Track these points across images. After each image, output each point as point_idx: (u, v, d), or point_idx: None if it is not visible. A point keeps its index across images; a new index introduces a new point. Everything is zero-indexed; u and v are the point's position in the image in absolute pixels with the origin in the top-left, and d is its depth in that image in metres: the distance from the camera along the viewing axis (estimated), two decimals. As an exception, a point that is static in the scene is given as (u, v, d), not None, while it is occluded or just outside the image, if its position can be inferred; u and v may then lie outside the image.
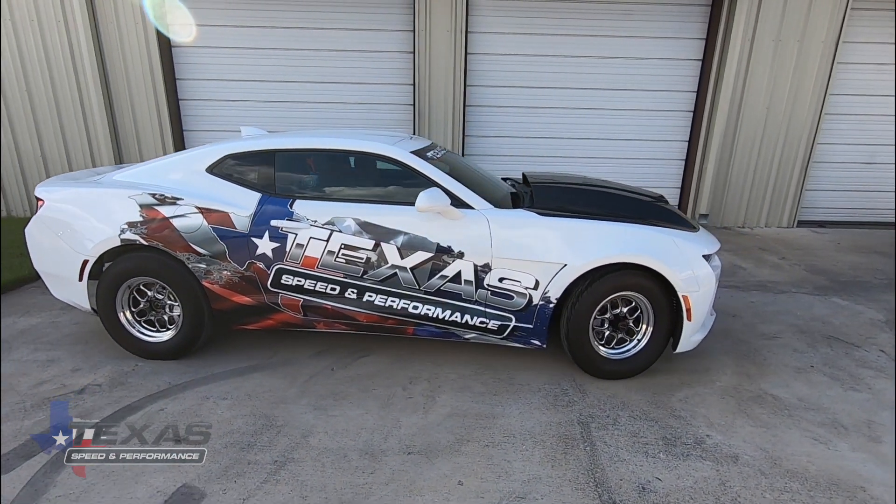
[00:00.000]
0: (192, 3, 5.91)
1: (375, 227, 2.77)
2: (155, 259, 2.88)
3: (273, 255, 2.82)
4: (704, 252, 2.80)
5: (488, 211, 2.79)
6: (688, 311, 2.74)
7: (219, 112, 6.39)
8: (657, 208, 3.05)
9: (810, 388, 2.86)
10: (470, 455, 2.26)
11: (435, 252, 2.74)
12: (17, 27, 5.74)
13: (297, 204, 2.84)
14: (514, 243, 2.74)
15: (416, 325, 2.92)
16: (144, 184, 2.94)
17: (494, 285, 2.77)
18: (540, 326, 2.83)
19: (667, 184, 6.67)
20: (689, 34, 6.10)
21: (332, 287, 2.85)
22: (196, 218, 2.83)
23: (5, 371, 2.91)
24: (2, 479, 2.06)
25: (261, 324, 3.02)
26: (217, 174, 2.93)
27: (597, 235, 2.74)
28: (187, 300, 2.91)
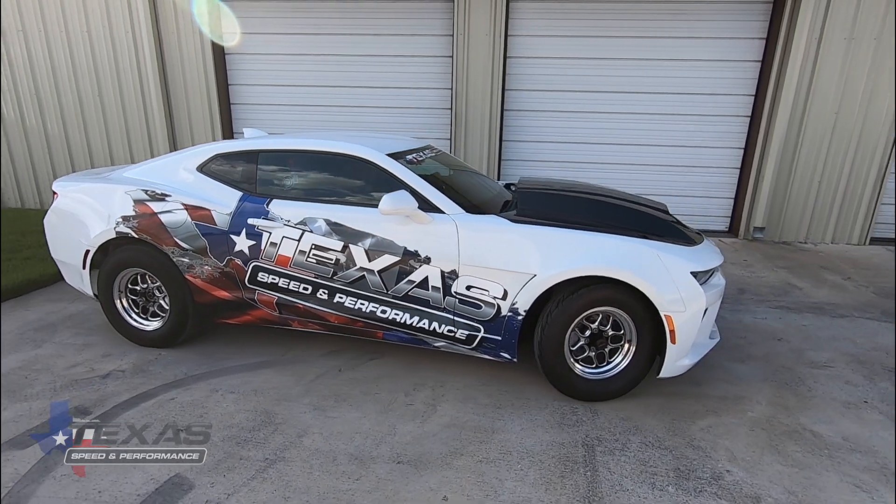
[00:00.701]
0: (243, 13, 6.19)
1: (344, 229, 2.75)
2: (145, 252, 3.04)
3: (249, 253, 2.89)
4: (694, 269, 2.53)
5: (458, 216, 2.68)
6: (671, 333, 2.49)
7: (267, 116, 6.65)
8: (649, 218, 2.83)
9: (860, 427, 2.53)
10: (461, 470, 2.17)
11: (402, 256, 2.68)
12: (92, 37, 6.25)
13: (273, 203, 2.89)
14: (483, 250, 2.61)
15: (385, 330, 2.87)
16: (143, 180, 3.11)
17: (462, 293, 2.65)
18: (508, 339, 2.67)
19: (718, 193, 6.24)
20: (747, 34, 5.68)
21: (304, 286, 2.86)
22: (181, 214, 2.95)
23: (47, 351, 3.13)
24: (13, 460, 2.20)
25: (240, 319, 3.09)
26: (205, 173, 3.04)
27: (569, 245, 2.55)
28: (173, 292, 3.05)
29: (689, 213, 6.33)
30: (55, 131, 6.68)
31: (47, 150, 6.77)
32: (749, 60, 5.76)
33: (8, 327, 3.45)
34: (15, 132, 6.76)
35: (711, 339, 2.83)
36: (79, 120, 6.60)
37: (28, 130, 6.73)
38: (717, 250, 2.90)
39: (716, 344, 2.84)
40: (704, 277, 2.61)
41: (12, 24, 6.31)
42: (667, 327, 2.48)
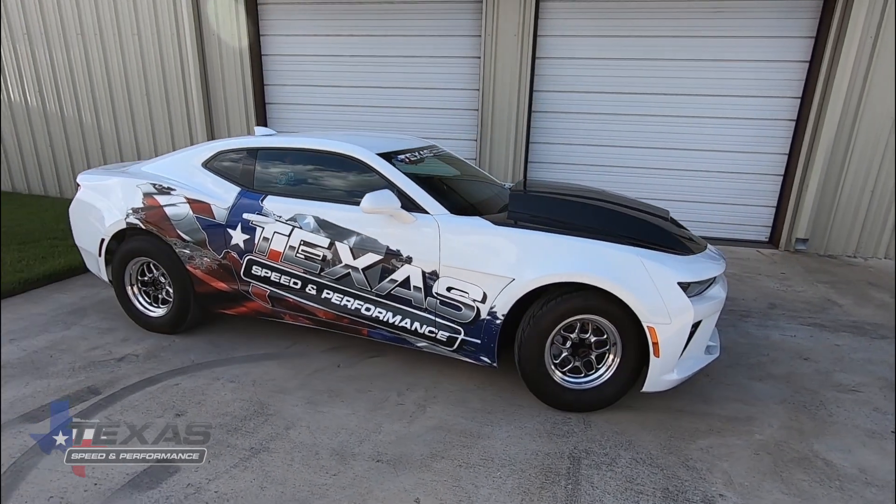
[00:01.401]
0: (279, 15, 6.40)
1: (331, 226, 2.80)
2: (152, 242, 3.21)
3: (244, 247, 2.99)
4: (683, 279, 2.38)
5: (441, 217, 2.65)
6: (654, 346, 2.36)
7: (300, 115, 6.84)
8: (642, 224, 2.68)
9: (881, 459, 2.32)
10: (438, 473, 2.15)
11: (384, 255, 2.69)
12: (142, 39, 6.64)
13: (267, 199, 2.98)
14: (463, 252, 2.58)
15: (369, 328, 2.89)
16: (155, 174, 3.28)
17: (443, 294, 2.63)
18: (488, 343, 2.62)
19: (759, 202, 5.88)
20: (794, 32, 5.33)
21: (294, 281, 2.93)
22: (184, 207, 3.10)
23: (73, 333, 3.34)
24: (25, 431, 2.36)
25: (236, 310, 3.21)
26: (209, 168, 3.18)
27: (548, 250, 2.47)
28: (176, 282, 3.21)
29: (727, 221, 6.02)
30: (107, 127, 7.14)
31: (100, 145, 7.24)
32: (796, 61, 5.41)
33: (43, 309, 3.71)
34: (73, 128, 7.27)
35: (709, 354, 2.66)
36: (128, 116, 7.03)
37: (84, 127, 7.22)
38: (719, 260, 2.75)
39: (713, 360, 2.66)
40: (698, 289, 2.46)
41: (72, 29, 6.79)
42: (650, 339, 2.36)
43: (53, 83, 7.13)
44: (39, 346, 3.15)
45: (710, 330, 2.57)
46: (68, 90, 7.12)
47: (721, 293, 2.60)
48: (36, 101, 7.28)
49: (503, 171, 6.15)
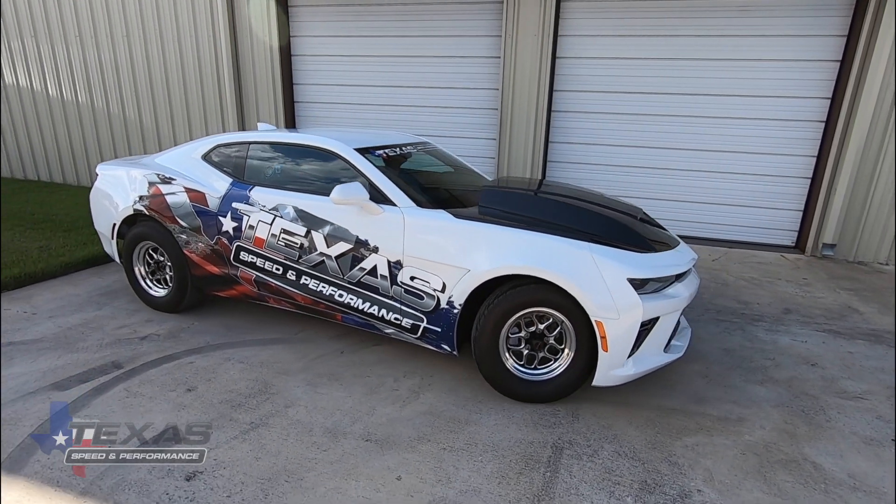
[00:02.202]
0: (307, 17, 6.63)
1: (308, 216, 2.98)
2: (154, 228, 3.49)
3: (233, 233, 3.23)
4: (633, 275, 2.41)
5: (407, 209, 2.78)
6: (602, 340, 2.40)
7: (327, 113, 7.07)
8: (605, 221, 2.72)
9: (874, 466, 2.28)
10: (422, 454, 2.25)
11: (354, 244, 2.85)
12: (181, 41, 7.00)
13: (254, 190, 3.20)
14: (425, 243, 2.69)
15: (342, 313, 3.05)
16: (162, 165, 3.56)
17: (407, 283, 2.76)
18: (447, 331, 2.72)
19: (786, 205, 5.71)
20: (825, 31, 5.16)
21: (276, 267, 3.14)
22: (182, 196, 3.36)
23: (104, 313, 3.61)
24: (55, 398, 2.59)
25: (227, 292, 3.44)
26: (207, 161, 3.43)
27: (503, 243, 2.56)
28: (175, 265, 3.48)
29: (752, 224, 5.87)
30: (148, 122, 7.57)
31: (141, 139, 7.68)
32: (826, 60, 5.23)
33: (80, 291, 4.01)
34: (118, 124, 7.74)
35: (671, 353, 2.65)
36: (167, 113, 7.43)
37: (128, 122, 7.68)
38: (687, 259, 2.73)
39: (673, 359, 2.65)
40: (656, 286, 2.48)
41: (119, 31, 7.23)
42: (598, 333, 2.40)
43: (101, 81, 7.61)
44: (73, 324, 3.43)
45: (671, 328, 2.57)
46: (114, 88, 7.58)
47: (683, 292, 2.59)
48: (85, 97, 7.78)
49: (522, 170, 6.19)
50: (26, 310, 3.62)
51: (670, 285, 2.56)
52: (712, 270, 4.96)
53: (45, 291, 3.97)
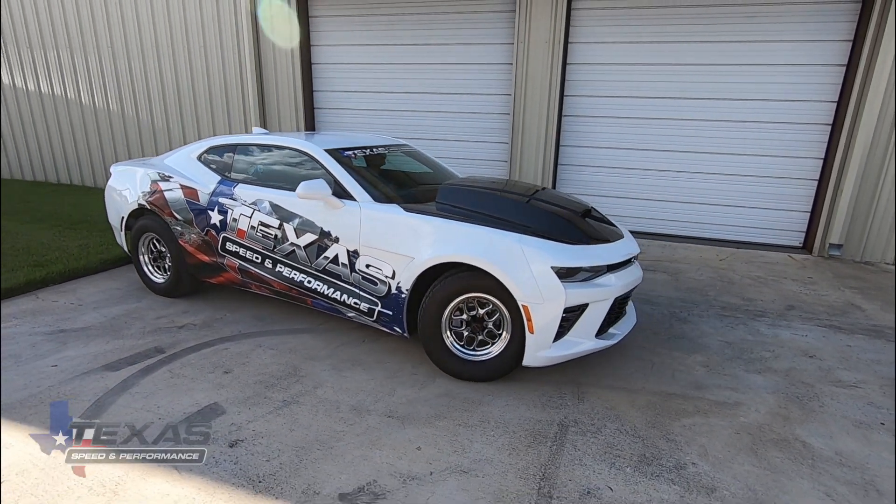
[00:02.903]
0: (327, 27, 6.94)
1: (281, 209, 3.31)
2: (155, 221, 3.89)
3: (220, 226, 3.58)
4: (556, 264, 2.62)
5: (365, 203, 3.08)
6: (529, 323, 2.63)
7: (345, 119, 7.36)
8: (545, 215, 2.94)
9: (861, 446, 2.44)
10: (439, 429, 2.47)
11: (319, 235, 3.16)
12: (207, 51, 7.36)
13: (238, 186, 3.56)
14: (378, 234, 2.98)
15: (312, 298, 3.35)
16: (165, 164, 3.95)
17: (363, 270, 3.05)
18: (397, 314, 2.99)
19: (793, 206, 5.83)
20: (831, 36, 5.29)
21: (255, 256, 3.49)
22: (178, 192, 3.75)
23: (143, 305, 3.90)
24: (104, 378, 2.87)
25: (216, 279, 3.80)
26: (200, 160, 3.82)
27: (443, 234, 2.82)
28: (173, 254, 3.87)
29: (759, 225, 5.99)
30: (175, 130, 7.94)
31: (168, 146, 8.05)
32: (832, 64, 5.36)
33: (120, 285, 4.31)
34: (147, 132, 8.12)
35: (605, 339, 2.84)
36: (194, 121, 7.79)
37: (156, 129, 8.06)
38: (622, 252, 2.93)
39: (606, 345, 2.84)
40: (586, 275, 2.70)
41: (149, 43, 7.62)
42: (524, 316, 2.62)
43: (131, 91, 8.01)
44: (117, 314, 3.72)
45: (601, 315, 2.75)
46: (143, 97, 7.97)
47: (615, 282, 2.78)
48: (116, 106, 8.19)
49: (533, 172, 6.39)
50: (73, 301, 3.93)
51: (601, 275, 2.77)
52: (718, 269, 5.11)
53: (87, 285, 4.28)
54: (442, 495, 2.03)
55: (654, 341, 3.48)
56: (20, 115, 8.86)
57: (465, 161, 6.85)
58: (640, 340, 3.48)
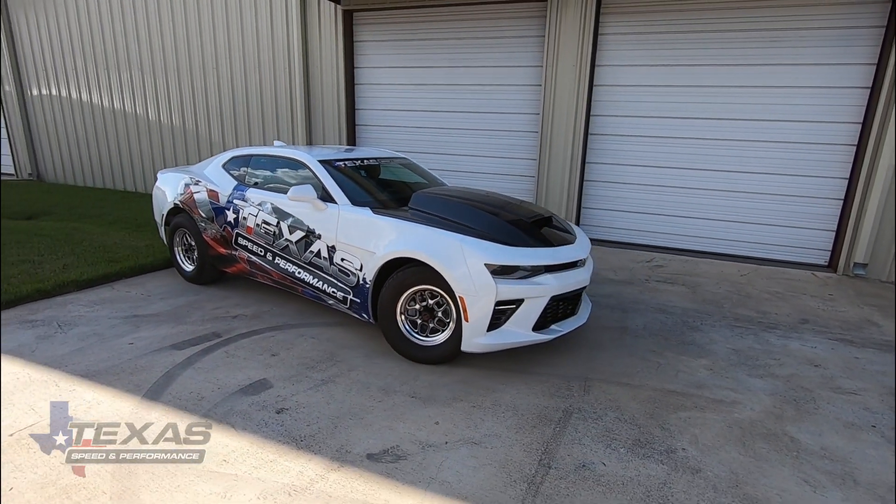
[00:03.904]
0: (370, 51, 7.50)
1: (279, 210, 3.87)
2: (186, 218, 4.57)
3: (234, 223, 4.18)
4: (489, 261, 2.97)
5: (343, 206, 3.57)
6: (464, 312, 2.99)
7: (384, 136, 7.87)
8: (492, 221, 3.31)
9: (848, 443, 2.61)
10: (456, 409, 2.80)
11: (307, 232, 3.68)
12: (261, 71, 8.06)
13: (249, 190, 4.17)
14: (351, 232, 3.45)
15: (302, 287, 3.85)
16: (198, 171, 4.62)
17: (339, 263, 3.53)
18: (364, 302, 3.44)
19: (818, 225, 5.88)
20: (855, 59, 5.40)
21: (259, 249, 4.05)
22: (204, 194, 4.42)
23: (202, 297, 4.41)
24: (172, 356, 3.35)
25: (231, 269, 4.41)
26: (224, 168, 4.48)
27: (397, 233, 3.26)
28: (198, 246, 4.52)
29: (784, 243, 6.07)
30: (230, 141, 8.66)
31: (223, 159, 8.77)
32: (856, 87, 5.46)
33: (180, 280, 4.85)
34: (205, 145, 8.89)
35: (543, 334, 3.14)
36: (247, 134, 8.49)
37: (212, 143, 8.81)
38: (563, 257, 3.22)
39: (541, 339, 3.15)
40: (523, 273, 3.05)
41: (210, 62, 8.40)
42: (460, 306, 2.97)
43: (192, 107, 8.81)
44: (180, 304, 4.24)
45: (537, 310, 3.06)
46: (203, 112, 8.75)
47: (552, 282, 3.10)
48: (178, 121, 9.01)
49: (559, 187, 6.68)
50: (142, 292, 4.48)
51: (539, 275, 3.08)
52: (737, 284, 5.24)
53: (154, 280, 4.85)
54: (454, 460, 2.36)
55: (663, 346, 3.71)
56: (95, 128, 9.84)
57: (493, 176, 7.22)
58: (650, 344, 3.71)
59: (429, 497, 2.12)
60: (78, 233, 6.13)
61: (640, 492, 2.20)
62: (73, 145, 10.21)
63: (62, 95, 9.99)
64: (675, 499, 2.17)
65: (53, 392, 2.81)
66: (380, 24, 7.41)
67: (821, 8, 5.44)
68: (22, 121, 10.45)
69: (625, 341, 3.76)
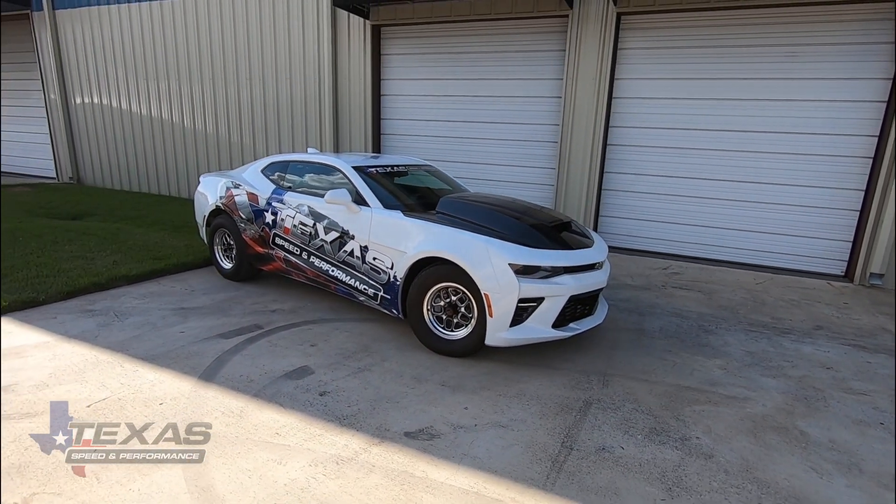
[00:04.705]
0: (398, 64, 7.83)
1: (315, 212, 4.16)
2: (227, 219, 4.89)
3: (272, 224, 4.47)
4: (513, 261, 3.20)
5: (375, 209, 3.85)
6: (489, 308, 3.22)
7: (408, 144, 8.17)
8: (515, 224, 3.54)
9: (855, 437, 2.76)
10: (483, 397, 3.02)
11: (341, 233, 3.96)
12: (292, 83, 8.45)
13: (287, 194, 4.47)
14: (383, 233, 3.72)
15: (334, 284, 4.13)
16: (238, 175, 4.94)
17: (370, 262, 3.80)
18: (394, 299, 3.69)
19: (834, 236, 5.98)
20: (870, 74, 5.53)
21: (296, 248, 4.33)
22: (244, 196, 4.74)
23: (241, 293, 4.71)
24: (221, 344, 3.63)
25: (267, 267, 4.72)
26: (262, 173, 4.81)
27: (427, 234, 3.51)
28: (237, 245, 4.85)
29: (799, 253, 6.17)
30: (260, 148, 9.05)
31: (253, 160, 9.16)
32: (872, 101, 5.59)
33: (220, 277, 5.17)
34: (237, 150, 9.30)
35: (561, 331, 3.34)
36: (276, 139, 8.87)
37: (244, 149, 9.22)
38: (581, 259, 3.42)
39: (560, 336, 3.37)
40: (544, 273, 3.28)
41: (244, 72, 8.83)
42: (485, 302, 3.19)
43: (226, 115, 9.24)
44: (222, 299, 4.54)
45: (557, 308, 3.26)
46: (235, 120, 9.17)
47: (571, 282, 3.33)
48: (211, 128, 9.45)
49: (578, 196, 6.89)
50: (186, 288, 4.80)
51: (558, 275, 3.29)
52: (753, 292, 5.37)
53: (196, 277, 5.17)
54: (484, 440, 2.58)
55: (678, 347, 3.88)
56: (133, 134, 10.34)
57: (513, 184, 7.45)
58: (666, 345, 3.89)
59: (462, 469, 2.34)
60: (122, 232, 6.51)
61: (655, 472, 2.39)
62: (112, 151, 10.73)
63: (103, 103, 10.53)
64: (689, 480, 2.35)
65: (119, 371, 3.11)
66: (406, 39, 7.74)
67: (836, 25, 5.59)
68: (65, 127, 11.02)
69: (641, 342, 3.95)
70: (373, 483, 2.24)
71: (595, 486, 2.28)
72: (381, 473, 2.30)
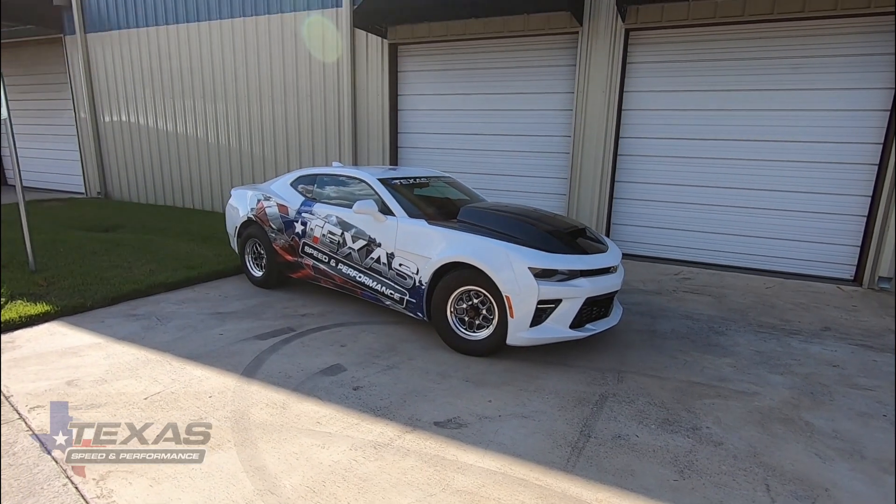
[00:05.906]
0: (412, 80, 8.17)
1: (343, 222, 4.44)
2: (258, 229, 5.18)
3: (301, 233, 4.77)
4: (532, 265, 3.42)
5: (401, 218, 4.10)
6: (510, 309, 3.43)
7: (424, 157, 8.47)
8: (532, 231, 3.75)
9: (858, 427, 2.92)
10: (505, 391, 3.23)
11: (368, 240, 4.22)
12: (313, 100, 8.81)
13: (315, 205, 4.77)
14: (408, 240, 3.97)
15: (361, 290, 4.38)
16: (268, 188, 5.24)
17: (397, 268, 4.04)
18: (419, 302, 3.92)
19: (842, 241, 6.12)
20: (873, 84, 5.71)
21: (324, 256, 4.61)
22: (275, 208, 5.04)
23: (272, 298, 4.98)
24: (258, 344, 3.89)
25: (296, 274, 4.98)
26: (292, 185, 5.11)
27: (449, 241, 3.76)
28: (268, 254, 5.14)
29: (808, 258, 6.31)
30: (282, 161, 9.41)
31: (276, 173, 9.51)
32: (876, 110, 5.76)
33: (250, 284, 5.46)
34: (259, 164, 9.67)
35: (579, 331, 3.53)
36: (298, 155, 9.23)
37: (265, 163, 9.58)
38: (595, 263, 3.62)
39: (577, 336, 3.56)
40: (561, 276, 3.49)
41: (267, 93, 9.22)
42: (506, 304, 3.40)
43: (248, 131, 9.63)
44: (254, 304, 4.82)
45: (574, 310, 3.46)
46: (258, 136, 9.55)
47: (586, 284, 3.51)
48: (235, 143, 9.84)
49: (589, 205, 7.11)
50: (220, 294, 5.09)
51: (575, 278, 3.50)
52: (763, 296, 5.53)
53: (227, 284, 5.46)
54: (508, 428, 2.80)
55: (689, 346, 4.06)
56: (159, 151, 10.78)
57: (527, 194, 7.69)
58: (677, 345, 4.07)
59: (489, 453, 2.56)
60: (153, 243, 6.85)
61: (668, 457, 2.58)
62: (139, 166, 11.18)
63: (130, 121, 11.01)
64: (700, 463, 2.54)
65: (168, 369, 3.37)
66: (422, 56, 8.08)
67: (839, 37, 5.80)
68: (94, 144, 11.52)
69: (654, 342, 4.13)
70: (408, 465, 2.46)
71: (612, 467, 2.48)
72: (415, 457, 2.52)
